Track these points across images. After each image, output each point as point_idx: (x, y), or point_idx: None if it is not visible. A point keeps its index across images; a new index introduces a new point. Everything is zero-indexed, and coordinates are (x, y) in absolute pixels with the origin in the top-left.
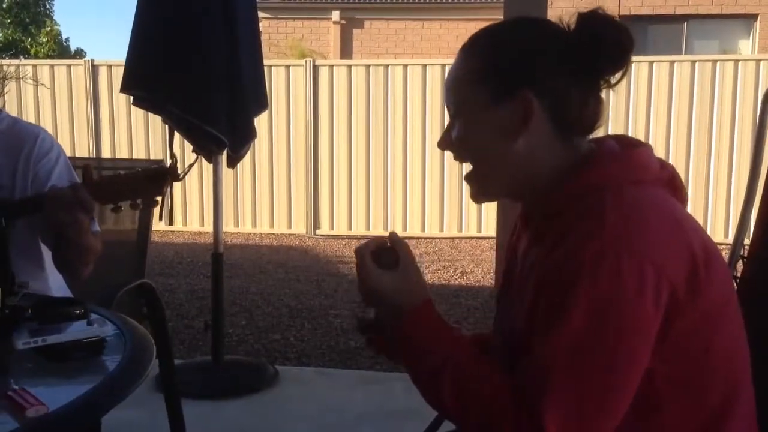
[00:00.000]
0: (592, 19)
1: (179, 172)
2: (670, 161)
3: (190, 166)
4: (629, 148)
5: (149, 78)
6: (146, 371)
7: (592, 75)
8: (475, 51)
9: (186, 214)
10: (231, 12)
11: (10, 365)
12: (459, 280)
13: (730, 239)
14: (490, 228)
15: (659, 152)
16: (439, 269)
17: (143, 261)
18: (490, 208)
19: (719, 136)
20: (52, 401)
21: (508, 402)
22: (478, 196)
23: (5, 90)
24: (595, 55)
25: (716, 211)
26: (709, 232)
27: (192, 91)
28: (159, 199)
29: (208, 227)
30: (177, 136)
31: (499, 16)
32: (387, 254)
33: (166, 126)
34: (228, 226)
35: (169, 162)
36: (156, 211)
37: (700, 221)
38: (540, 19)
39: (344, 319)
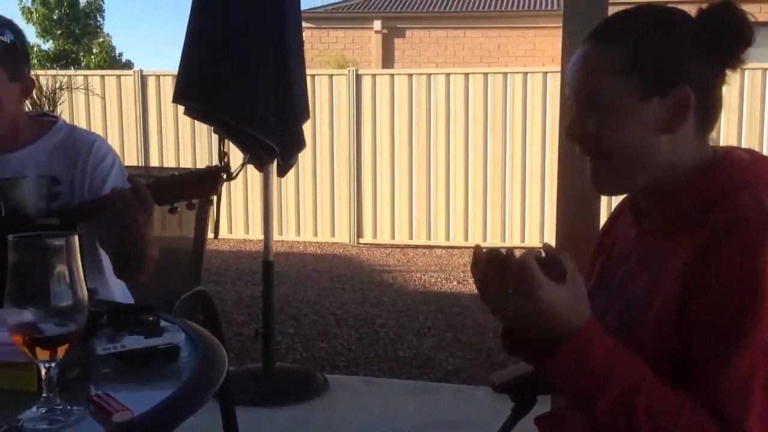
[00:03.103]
0: (720, 7)
1: (232, 171)
2: None
3: (242, 165)
4: (759, 156)
5: (201, 88)
6: (221, 377)
7: (725, 65)
8: (616, 39)
9: (231, 223)
10: (281, 22)
11: (92, 370)
12: None
13: None
14: (533, 237)
15: None
16: None
17: (199, 269)
18: (534, 217)
19: None
20: (133, 406)
21: (708, 421)
22: (605, 188)
23: (60, 100)
24: (727, 44)
25: None
26: None
27: (243, 101)
28: (217, 199)
29: (253, 235)
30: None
31: (542, 24)
32: (553, 266)
33: (213, 135)
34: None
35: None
36: (211, 222)
37: None
38: (673, 8)
39: (390, 328)
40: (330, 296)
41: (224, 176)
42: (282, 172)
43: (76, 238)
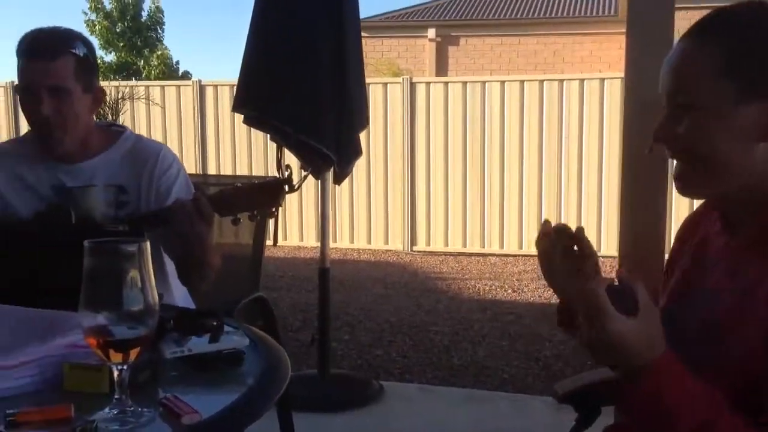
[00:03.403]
0: None
1: (294, 183)
2: None
3: (305, 177)
4: None
5: (260, 98)
6: (286, 383)
7: None
8: (714, 38)
9: (286, 230)
10: (339, 31)
11: (160, 373)
12: None
13: None
14: None
15: None
16: (539, 287)
17: (258, 275)
18: (590, 225)
19: None
20: (199, 409)
21: None
22: (689, 192)
23: (122, 110)
24: None
25: None
26: None
27: (301, 110)
28: (276, 210)
29: (307, 242)
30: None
31: (598, 30)
32: (626, 296)
33: (269, 143)
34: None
35: (283, 174)
36: (270, 229)
37: None
38: None
39: (445, 336)
40: (384, 303)
41: (286, 188)
42: (338, 179)
43: (148, 244)
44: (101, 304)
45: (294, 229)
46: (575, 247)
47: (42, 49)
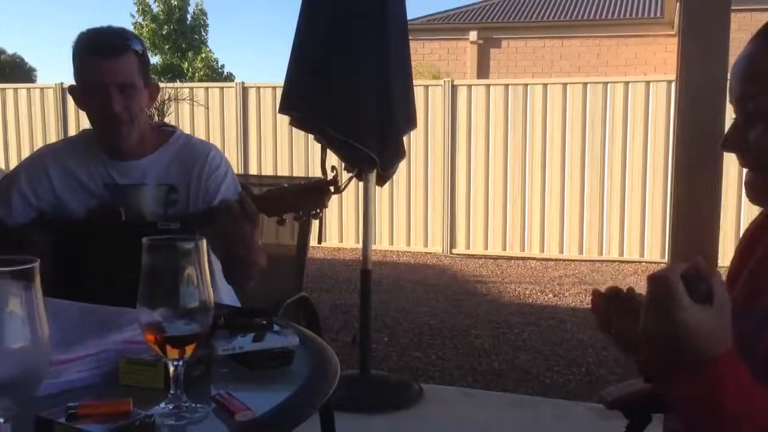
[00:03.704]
0: None
1: (340, 184)
2: None
3: (350, 179)
4: None
5: (305, 99)
6: (335, 382)
7: None
8: None
9: (325, 231)
10: (383, 32)
11: (212, 370)
12: None
13: None
14: (633, 251)
15: None
16: (580, 293)
17: (301, 275)
18: (633, 231)
19: None
20: (251, 407)
21: None
22: (760, 202)
23: (168, 111)
24: None
25: None
26: None
27: (346, 112)
28: (321, 211)
29: (347, 243)
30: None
31: (644, 33)
32: (702, 285)
33: (309, 144)
34: None
35: (330, 175)
36: (314, 229)
37: None
38: None
39: (485, 339)
40: (424, 306)
41: (332, 189)
42: (381, 181)
43: (204, 242)
44: (158, 301)
45: (333, 230)
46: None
47: (107, 47)
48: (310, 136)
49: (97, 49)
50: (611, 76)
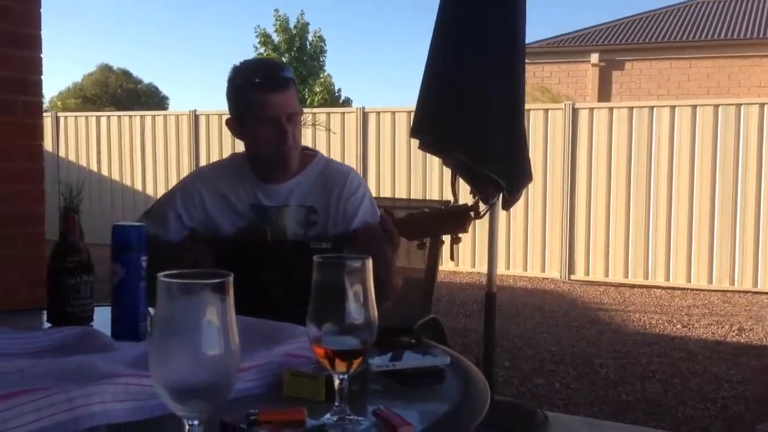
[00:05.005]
0: None
1: (480, 210)
2: None
3: (491, 204)
4: None
5: (436, 124)
6: (487, 405)
7: None
8: None
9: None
10: (511, 56)
11: (368, 386)
12: (736, 337)
13: None
14: None
15: None
16: (711, 324)
17: (431, 297)
18: None
19: None
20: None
21: None
22: None
23: None
24: None
25: None
26: None
27: (474, 137)
28: (461, 236)
29: (462, 267)
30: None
31: None
32: None
33: (430, 168)
34: (482, 266)
35: (469, 200)
36: (446, 250)
37: None
38: None
39: (610, 369)
40: (544, 332)
41: (473, 214)
42: (507, 205)
43: (370, 260)
44: (327, 316)
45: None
46: None
47: (277, 80)
48: (428, 161)
49: (269, 83)
50: (744, 97)
